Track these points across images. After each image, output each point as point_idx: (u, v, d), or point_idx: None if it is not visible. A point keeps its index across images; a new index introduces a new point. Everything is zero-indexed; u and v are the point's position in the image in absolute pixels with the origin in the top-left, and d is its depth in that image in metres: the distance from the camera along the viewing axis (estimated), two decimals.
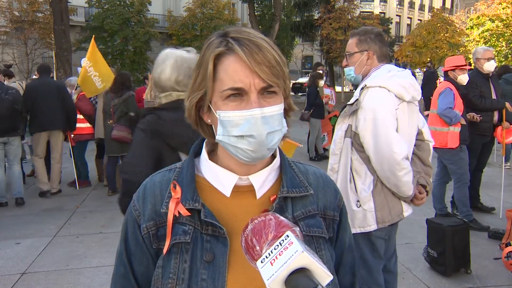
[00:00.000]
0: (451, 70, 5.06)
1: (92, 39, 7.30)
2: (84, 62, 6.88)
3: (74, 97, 6.97)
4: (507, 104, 5.39)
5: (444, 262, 3.93)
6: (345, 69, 2.71)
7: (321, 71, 10.00)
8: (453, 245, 3.91)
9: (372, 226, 2.48)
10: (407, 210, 2.59)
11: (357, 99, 2.48)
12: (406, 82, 2.46)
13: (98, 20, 24.52)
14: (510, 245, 3.86)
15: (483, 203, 5.79)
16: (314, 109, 8.90)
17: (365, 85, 2.47)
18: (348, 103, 2.59)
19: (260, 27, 24.12)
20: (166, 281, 0.93)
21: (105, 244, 4.69)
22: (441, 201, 5.38)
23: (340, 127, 2.57)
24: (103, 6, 24.92)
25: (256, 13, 25.85)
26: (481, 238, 4.79)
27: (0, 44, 23.92)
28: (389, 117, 2.37)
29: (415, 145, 2.62)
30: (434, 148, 5.15)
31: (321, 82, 9.00)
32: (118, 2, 24.84)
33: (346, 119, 2.55)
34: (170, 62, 2.02)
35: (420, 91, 2.60)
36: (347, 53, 2.67)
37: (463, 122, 4.97)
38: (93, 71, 6.76)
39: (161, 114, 1.95)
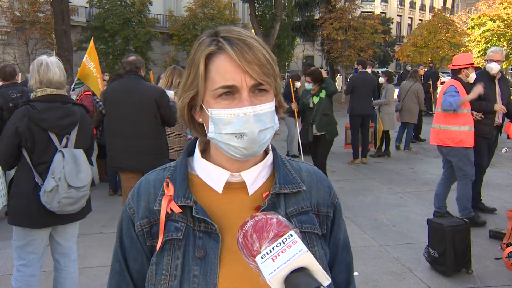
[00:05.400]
0: (465, 68, 5.07)
1: (91, 41, 7.33)
2: (87, 62, 6.89)
3: (73, 98, 6.92)
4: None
5: (445, 262, 3.92)
6: None
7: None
8: (454, 245, 3.91)
9: None
10: None
11: None
12: None
13: (99, 20, 24.52)
14: (511, 245, 3.85)
15: (484, 203, 5.79)
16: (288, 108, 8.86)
17: None
18: None
19: (261, 27, 24.10)
20: (160, 278, 0.94)
21: (106, 244, 4.69)
22: (443, 200, 5.39)
23: None
24: (104, 6, 24.92)
25: (257, 13, 25.83)
26: (482, 238, 4.79)
27: (1, 44, 23.96)
28: None
29: None
30: (439, 146, 5.22)
31: (297, 84, 8.98)
32: (119, 2, 24.84)
33: None
34: (58, 66, 2.92)
35: None
36: None
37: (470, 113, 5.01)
38: (96, 72, 6.85)
39: (35, 105, 2.80)
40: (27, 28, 22.49)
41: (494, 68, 5.24)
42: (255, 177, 1.01)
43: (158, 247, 0.95)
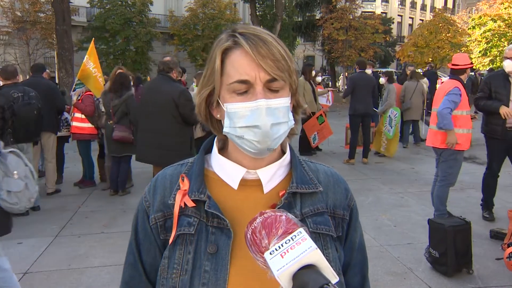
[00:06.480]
0: (467, 68, 5.01)
1: (92, 42, 7.38)
2: (87, 63, 6.91)
3: (74, 98, 6.95)
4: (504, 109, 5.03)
5: (446, 262, 3.92)
6: None
7: (313, 72, 10.04)
8: (455, 245, 3.90)
9: None
10: None
11: None
12: None
13: (99, 20, 24.53)
14: None
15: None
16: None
17: None
18: None
19: (261, 27, 24.06)
20: (171, 272, 0.95)
21: (107, 244, 4.68)
22: None
23: None
24: (104, 6, 24.94)
25: (257, 13, 25.88)
26: (483, 238, 4.79)
27: (2, 44, 23.99)
28: None
29: None
30: (433, 147, 5.20)
31: None
32: (119, 2, 24.85)
33: None
34: None
35: None
36: None
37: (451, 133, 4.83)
38: (97, 72, 6.88)
39: None
40: (28, 28, 22.51)
41: (506, 65, 5.09)
42: (271, 175, 1.01)
43: (170, 241, 0.97)
